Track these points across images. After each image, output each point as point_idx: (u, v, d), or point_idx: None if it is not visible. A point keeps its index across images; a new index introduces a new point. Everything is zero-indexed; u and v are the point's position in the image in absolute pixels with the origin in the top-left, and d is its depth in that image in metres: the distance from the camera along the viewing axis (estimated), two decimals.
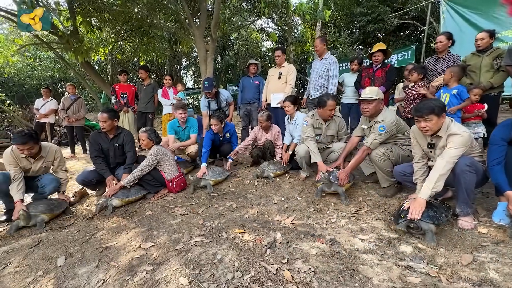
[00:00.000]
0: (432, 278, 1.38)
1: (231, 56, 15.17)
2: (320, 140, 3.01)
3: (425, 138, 2.05)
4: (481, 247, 1.59)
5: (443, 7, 6.63)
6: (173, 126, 3.78)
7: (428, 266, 1.48)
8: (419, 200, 1.79)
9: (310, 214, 2.24)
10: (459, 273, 1.40)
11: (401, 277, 1.40)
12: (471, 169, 1.78)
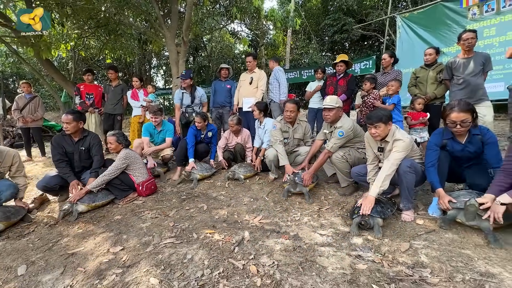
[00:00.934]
0: (376, 264, 1.61)
1: (203, 57, 15.06)
2: (288, 143, 3.21)
3: (376, 142, 2.33)
4: (417, 236, 1.87)
5: (399, 22, 7.33)
6: (148, 128, 3.75)
7: (374, 254, 1.71)
8: (369, 197, 2.04)
9: (277, 213, 2.41)
10: (398, 258, 1.65)
11: (351, 265, 1.61)
12: (411, 170, 2.07)
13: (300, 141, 3.29)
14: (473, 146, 2.07)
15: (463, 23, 6.24)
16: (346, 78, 3.97)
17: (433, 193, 2.18)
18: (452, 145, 2.14)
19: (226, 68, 4.60)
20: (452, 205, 1.87)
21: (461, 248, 1.68)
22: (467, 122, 1.97)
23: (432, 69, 3.65)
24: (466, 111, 1.96)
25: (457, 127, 2.00)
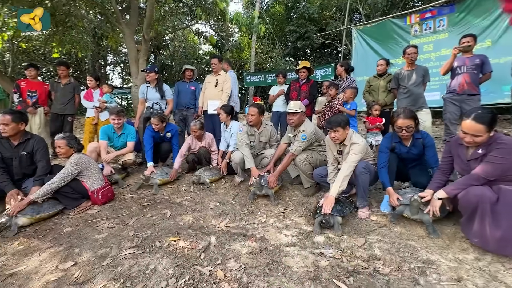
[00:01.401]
0: (337, 260, 1.72)
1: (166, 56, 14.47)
2: (254, 146, 3.25)
3: (335, 145, 2.49)
4: (371, 231, 2.04)
5: (354, 34, 7.95)
6: (106, 131, 3.46)
7: (335, 251, 1.83)
8: (330, 197, 2.18)
9: (243, 216, 2.42)
10: (355, 253, 1.78)
11: (314, 262, 1.69)
12: (366, 171, 2.26)
13: (265, 144, 3.36)
14: (416, 149, 2.34)
15: (407, 38, 7.02)
16: (308, 84, 4.17)
17: (384, 191, 2.40)
18: (399, 148, 2.39)
19: (190, 69, 4.49)
20: (399, 202, 2.09)
21: (407, 239, 1.88)
22: (411, 127, 2.22)
23: (383, 78, 4.03)
24: (410, 118, 2.21)
25: (403, 132, 2.25)
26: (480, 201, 1.63)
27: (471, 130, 1.70)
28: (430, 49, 6.71)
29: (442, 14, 6.55)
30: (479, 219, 1.64)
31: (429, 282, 1.47)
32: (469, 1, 6.14)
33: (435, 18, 6.64)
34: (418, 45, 6.94)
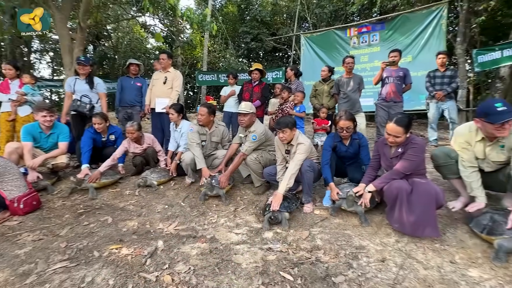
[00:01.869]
0: (284, 254, 1.83)
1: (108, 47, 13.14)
2: (205, 146, 3.21)
3: (284, 145, 2.63)
4: (314, 224, 2.22)
5: (303, 41, 8.46)
6: (31, 131, 2.96)
7: (282, 245, 1.94)
8: (278, 194, 2.29)
9: (193, 218, 2.37)
10: (300, 245, 1.92)
11: (263, 258, 1.77)
12: (310, 169, 2.45)
13: (217, 144, 3.35)
14: (353, 148, 2.63)
15: (347, 48, 7.78)
16: (261, 86, 4.29)
17: (326, 186, 2.62)
18: (340, 147, 2.65)
19: (136, 64, 4.19)
20: (338, 196, 2.32)
21: (344, 229, 2.11)
22: (351, 128, 2.49)
23: (327, 84, 4.41)
24: (350, 120, 2.47)
25: (344, 132, 2.50)
26: (399, 192, 1.93)
27: (393, 132, 1.99)
28: (366, 60, 7.57)
29: (375, 30, 7.46)
30: (398, 208, 1.94)
31: (360, 265, 1.67)
32: (395, 21, 7.14)
33: (370, 33, 7.53)
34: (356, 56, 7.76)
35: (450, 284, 1.47)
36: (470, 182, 2.04)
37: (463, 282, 1.47)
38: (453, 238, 1.86)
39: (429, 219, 1.82)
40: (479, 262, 1.60)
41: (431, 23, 6.57)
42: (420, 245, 1.82)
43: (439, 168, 2.27)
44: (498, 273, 1.50)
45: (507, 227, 1.62)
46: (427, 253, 1.73)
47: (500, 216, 1.70)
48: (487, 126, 1.84)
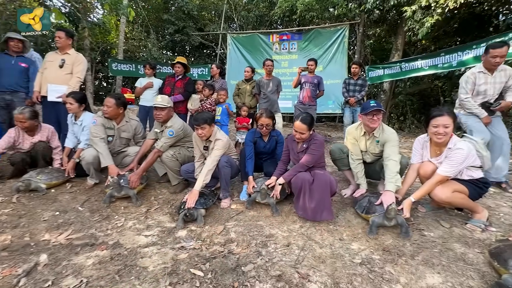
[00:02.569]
0: (197, 251, 1.79)
1: None
2: (113, 141, 2.84)
3: (202, 142, 2.58)
4: (230, 218, 2.27)
5: (229, 40, 8.55)
6: None
7: (196, 242, 1.90)
8: (194, 191, 2.24)
9: (94, 223, 2.07)
10: (214, 240, 1.92)
11: (173, 257, 1.69)
12: (227, 164, 2.49)
13: (128, 141, 3.02)
14: (271, 144, 2.80)
15: (270, 53, 8.29)
16: (184, 81, 4.09)
17: (244, 181, 2.71)
18: (259, 143, 2.79)
19: (18, 39, 3.36)
20: (254, 190, 2.44)
21: (257, 221, 2.23)
22: (270, 126, 2.64)
23: (249, 84, 4.57)
24: (269, 117, 2.62)
25: (264, 129, 2.63)
26: (303, 183, 2.17)
27: (299, 129, 2.23)
28: (286, 65, 8.26)
29: (294, 39, 8.21)
30: (302, 196, 2.18)
31: (268, 252, 1.80)
32: (310, 34, 8.03)
33: (290, 41, 8.24)
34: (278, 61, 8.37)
35: (338, 257, 1.74)
36: (357, 172, 2.49)
37: (347, 254, 1.76)
38: (343, 220, 2.21)
39: (325, 205, 2.11)
40: (359, 236, 1.96)
41: (337, 40, 7.69)
42: (318, 228, 2.09)
43: (335, 161, 2.67)
44: (371, 244, 1.86)
45: (376, 203, 2.04)
46: (323, 234, 2.01)
47: (374, 198, 2.13)
48: (364, 118, 2.28)
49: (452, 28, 7.98)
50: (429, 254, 1.72)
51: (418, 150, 2.25)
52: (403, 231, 1.91)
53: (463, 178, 2.06)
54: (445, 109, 1.98)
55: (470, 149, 1.98)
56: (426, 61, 5.84)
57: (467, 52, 5.13)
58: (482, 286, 1.45)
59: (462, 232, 1.97)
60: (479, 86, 2.72)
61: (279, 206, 2.43)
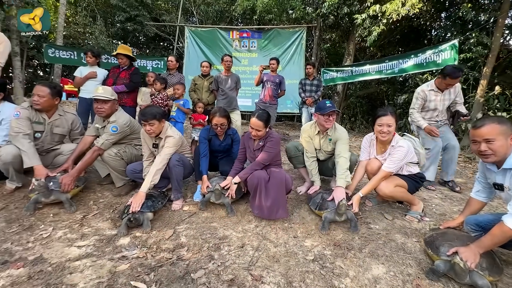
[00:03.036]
0: (140, 260, 1.61)
1: None
2: (42, 138, 2.43)
3: (151, 139, 2.36)
4: (181, 221, 2.11)
5: (187, 33, 8.17)
6: None
7: (140, 250, 1.71)
8: (140, 193, 2.03)
9: (10, 236, 1.72)
10: (162, 246, 1.76)
11: (111, 269, 1.48)
12: (179, 163, 2.31)
13: (63, 137, 2.62)
14: (226, 142, 2.69)
15: (230, 50, 8.14)
16: (129, 71, 3.73)
17: (198, 181, 2.57)
18: (214, 141, 2.66)
19: None
20: (207, 189, 2.31)
21: (211, 222, 2.11)
22: (224, 125, 2.52)
23: (206, 79, 4.39)
24: (223, 117, 2.50)
25: (217, 129, 2.51)
26: (259, 181, 2.12)
27: (255, 126, 2.17)
28: (246, 63, 8.20)
29: (254, 38, 8.20)
30: (258, 195, 2.14)
31: (221, 255, 1.70)
32: (270, 33, 8.11)
33: (250, 39, 8.21)
34: (238, 58, 8.27)
35: (291, 255, 1.72)
36: (311, 169, 2.54)
37: (300, 252, 1.76)
38: (298, 217, 2.23)
39: (280, 203, 2.10)
40: (312, 233, 1.98)
41: (295, 41, 7.90)
42: (273, 227, 2.07)
43: (291, 159, 2.69)
44: (323, 240, 1.90)
45: (328, 199, 2.09)
46: (278, 233, 1.99)
47: (327, 194, 2.18)
48: (320, 118, 2.33)
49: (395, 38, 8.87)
50: (374, 246, 1.81)
51: (366, 148, 2.39)
52: (352, 225, 1.99)
53: (403, 173, 2.24)
54: (389, 109, 2.11)
55: (409, 146, 2.16)
56: (373, 66, 6.37)
57: (406, 61, 5.72)
58: (419, 272, 1.57)
59: (402, 223, 2.13)
60: (430, 103, 2.94)
61: (235, 205, 2.35)
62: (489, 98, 5.58)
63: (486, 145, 1.44)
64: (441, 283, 1.50)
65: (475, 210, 1.73)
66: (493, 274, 1.40)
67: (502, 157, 1.42)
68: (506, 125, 1.39)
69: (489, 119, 1.44)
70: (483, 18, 7.00)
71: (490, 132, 1.41)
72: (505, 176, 1.45)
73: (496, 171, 1.51)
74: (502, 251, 1.71)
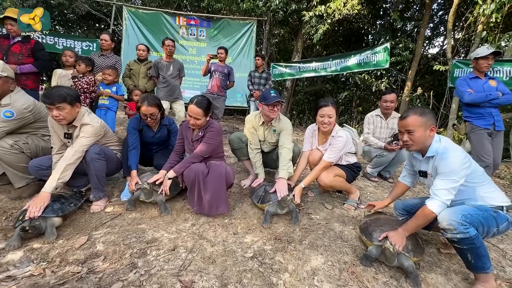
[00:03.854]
0: (35, 278, 1.26)
1: None
2: None
3: (62, 127, 1.93)
4: (101, 225, 1.78)
5: (125, 14, 7.29)
6: None
7: (38, 265, 1.35)
8: (42, 194, 1.62)
9: None
10: (68, 258, 1.42)
11: None
12: (100, 157, 1.95)
13: None
14: (162, 134, 2.39)
15: (176, 37, 7.56)
16: (27, 45, 2.98)
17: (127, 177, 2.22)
18: (147, 132, 2.33)
19: None
20: (137, 187, 2.00)
21: (139, 224, 1.82)
22: (155, 115, 2.21)
23: (144, 64, 3.92)
24: (153, 105, 2.18)
25: (147, 119, 2.19)
26: (197, 175, 1.91)
27: (193, 114, 1.94)
28: (194, 53, 7.74)
29: (202, 26, 7.77)
30: (197, 190, 1.93)
31: (147, 261, 1.45)
32: (219, 23, 7.79)
33: (198, 27, 7.75)
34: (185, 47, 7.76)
35: (229, 254, 1.58)
36: (255, 161, 2.43)
37: (239, 249, 1.63)
38: (240, 212, 2.09)
39: (221, 198, 1.93)
40: (253, 228, 1.87)
41: (246, 34, 7.76)
42: (212, 224, 1.89)
43: (234, 151, 2.54)
44: (264, 234, 1.80)
45: (270, 192, 2.01)
46: (217, 230, 1.82)
47: (270, 187, 2.10)
48: (264, 108, 2.23)
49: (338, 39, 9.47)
50: (314, 237, 1.79)
51: (308, 138, 2.38)
52: (294, 217, 1.95)
53: (342, 163, 2.29)
54: (330, 100, 2.12)
55: (348, 136, 2.21)
56: (319, 64, 6.67)
57: (347, 60, 6.12)
58: (354, 259, 1.59)
59: (341, 212, 2.18)
60: (376, 128, 3.05)
61: (171, 203, 2.10)
62: (413, 98, 6.35)
63: (407, 136, 1.51)
64: (373, 267, 1.53)
65: (401, 193, 1.85)
66: (417, 255, 1.49)
67: (422, 146, 1.51)
68: (426, 117, 1.47)
69: (412, 111, 1.51)
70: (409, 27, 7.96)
71: (411, 123, 1.48)
72: (428, 164, 1.55)
73: (421, 159, 1.60)
74: (423, 232, 1.86)
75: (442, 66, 5.37)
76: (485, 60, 2.60)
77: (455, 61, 4.88)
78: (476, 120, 2.69)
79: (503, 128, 2.70)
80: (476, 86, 2.68)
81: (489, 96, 2.58)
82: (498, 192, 1.49)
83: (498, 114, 2.69)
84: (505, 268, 1.63)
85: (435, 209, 1.40)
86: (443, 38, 8.86)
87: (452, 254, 1.69)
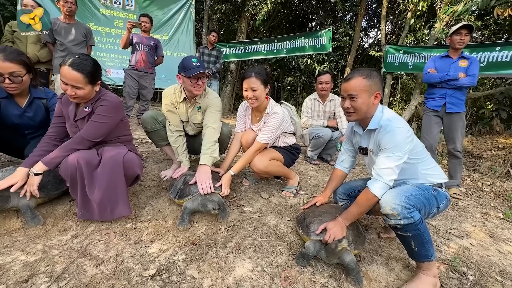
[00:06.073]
0: None
1: None
2: None
3: None
4: None
5: None
6: None
7: None
8: None
9: None
10: None
11: None
12: None
13: None
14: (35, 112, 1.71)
15: (97, 5, 6.29)
16: None
17: None
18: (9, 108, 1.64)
19: None
20: None
21: None
22: (18, 76, 1.52)
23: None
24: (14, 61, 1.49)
25: (5, 82, 1.50)
26: (78, 168, 1.35)
27: (68, 78, 1.34)
28: (121, 25, 6.56)
29: None
30: (80, 188, 1.37)
31: None
32: None
33: None
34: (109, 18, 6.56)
35: (121, 274, 1.11)
36: (177, 147, 1.95)
37: (137, 266, 1.17)
38: (151, 211, 1.62)
39: (116, 196, 1.41)
40: (164, 232, 1.42)
41: (184, 7, 6.90)
42: (106, 233, 1.38)
43: (149, 134, 2.01)
44: (179, 239, 1.38)
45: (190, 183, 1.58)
46: (111, 241, 1.32)
47: (191, 177, 1.66)
48: (186, 82, 1.75)
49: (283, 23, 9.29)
50: (243, 236, 1.44)
51: (241, 117, 2.00)
52: (220, 212, 1.56)
53: (279, 145, 1.98)
54: (255, 69, 1.74)
55: (285, 114, 1.90)
56: (264, 45, 6.36)
57: (292, 42, 5.94)
58: (289, 260, 1.29)
59: (278, 201, 1.89)
60: (313, 112, 2.98)
61: (49, 207, 1.49)
62: None
63: (349, 102, 1.24)
64: (311, 267, 1.26)
65: (339, 181, 1.60)
66: (357, 246, 1.26)
67: (363, 116, 1.26)
68: (373, 80, 1.22)
69: (358, 72, 1.24)
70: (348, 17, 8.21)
71: (354, 86, 1.22)
72: (370, 139, 1.32)
73: (361, 133, 1.36)
74: (363, 216, 1.68)
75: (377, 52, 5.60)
76: (458, 36, 2.39)
77: (388, 46, 5.09)
78: (428, 101, 2.62)
79: (459, 110, 2.47)
80: (442, 66, 2.54)
81: (445, 77, 2.43)
82: (437, 167, 1.34)
83: (456, 96, 2.47)
84: (440, 247, 1.55)
85: (378, 192, 1.17)
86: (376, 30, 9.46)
87: (392, 238, 1.55)
